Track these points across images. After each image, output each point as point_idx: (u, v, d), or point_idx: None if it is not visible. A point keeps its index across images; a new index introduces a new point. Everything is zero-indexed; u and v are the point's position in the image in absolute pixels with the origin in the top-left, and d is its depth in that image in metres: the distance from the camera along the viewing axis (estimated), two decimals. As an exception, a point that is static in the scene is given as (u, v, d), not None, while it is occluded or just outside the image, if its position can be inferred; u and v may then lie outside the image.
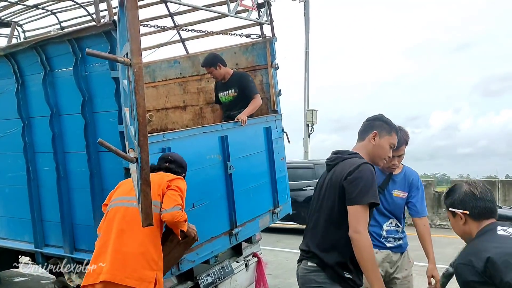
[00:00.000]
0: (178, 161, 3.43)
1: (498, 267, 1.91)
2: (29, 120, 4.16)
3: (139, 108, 1.47)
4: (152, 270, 2.82)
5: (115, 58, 1.54)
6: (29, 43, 3.90)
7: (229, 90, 5.06)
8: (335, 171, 2.66)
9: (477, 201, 2.21)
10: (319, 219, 2.69)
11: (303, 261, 2.73)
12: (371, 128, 2.82)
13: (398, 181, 3.50)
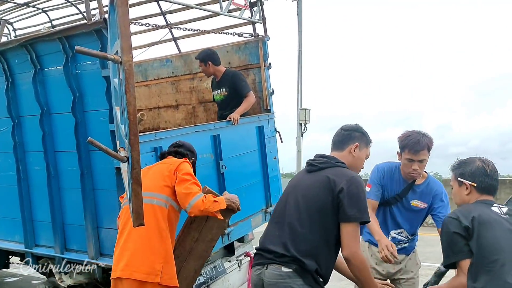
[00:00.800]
0: (187, 145, 3.46)
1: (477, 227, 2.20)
2: (19, 119, 4.12)
3: (129, 107, 1.45)
4: (159, 263, 2.88)
5: (104, 56, 1.52)
6: (19, 41, 3.86)
7: (221, 89, 5.04)
8: (326, 176, 2.55)
9: (486, 177, 2.40)
10: (302, 222, 2.51)
11: (271, 265, 2.50)
12: (351, 139, 2.75)
13: (419, 191, 3.37)
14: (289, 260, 2.45)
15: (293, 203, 2.61)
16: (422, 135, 3.23)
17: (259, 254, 2.64)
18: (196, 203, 2.94)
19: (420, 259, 3.84)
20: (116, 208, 3.55)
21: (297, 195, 2.62)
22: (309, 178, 2.65)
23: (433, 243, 9.13)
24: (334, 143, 2.78)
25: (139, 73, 6.21)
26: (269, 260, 2.52)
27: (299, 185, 2.70)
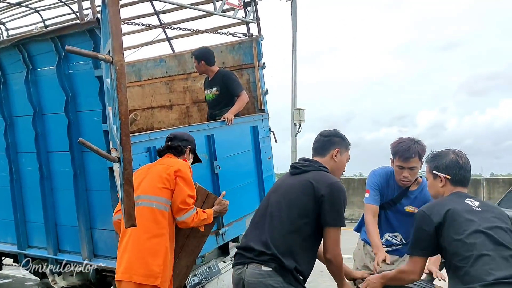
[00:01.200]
0: (179, 136, 3.43)
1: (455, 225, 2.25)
2: (11, 119, 4.10)
3: (121, 107, 1.43)
4: (158, 266, 2.91)
5: (95, 56, 1.51)
6: (11, 41, 3.84)
7: (212, 88, 5.00)
8: (308, 180, 2.60)
9: (460, 170, 2.47)
10: (283, 221, 2.55)
11: (251, 264, 2.52)
12: (332, 144, 2.79)
13: (413, 197, 3.37)
14: (269, 259, 2.48)
15: (274, 204, 2.65)
16: (414, 142, 3.21)
17: (239, 253, 2.66)
18: (186, 220, 3.06)
19: None
20: (109, 209, 3.54)
21: (279, 196, 2.67)
22: (292, 180, 2.70)
23: (428, 242, 9.18)
24: (315, 149, 2.83)
25: (132, 73, 6.18)
26: (249, 259, 2.55)
27: (281, 186, 2.74)
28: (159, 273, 2.90)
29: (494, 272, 2.10)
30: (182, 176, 3.07)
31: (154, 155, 3.62)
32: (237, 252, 2.69)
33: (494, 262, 2.12)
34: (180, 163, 3.18)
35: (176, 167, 3.10)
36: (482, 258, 2.14)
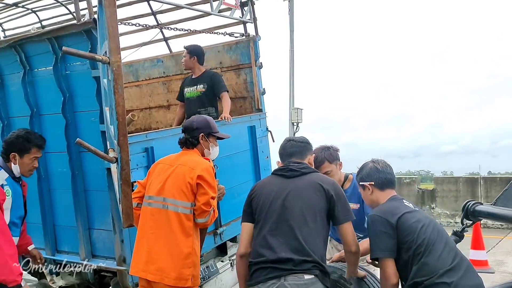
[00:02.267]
0: (188, 126, 3.35)
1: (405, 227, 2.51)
2: (8, 120, 4.10)
3: (118, 107, 1.44)
4: (188, 268, 2.98)
5: (92, 57, 1.52)
6: (8, 41, 3.84)
7: (197, 85, 4.99)
8: (315, 182, 2.71)
9: (379, 173, 2.77)
10: (310, 226, 2.58)
11: (291, 275, 2.47)
12: (308, 150, 2.99)
13: (349, 195, 3.49)
14: (312, 267, 2.50)
15: (291, 209, 2.64)
16: (322, 149, 3.53)
17: (268, 267, 2.55)
18: (207, 221, 3.10)
19: None
20: (108, 209, 3.54)
21: (292, 200, 2.66)
22: (297, 183, 2.73)
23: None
24: (292, 153, 2.92)
25: (130, 73, 6.18)
26: (287, 271, 2.49)
27: (286, 190, 2.72)
28: (189, 275, 2.98)
29: (446, 259, 2.44)
30: (205, 180, 3.06)
31: (151, 155, 3.63)
32: (261, 267, 2.59)
33: (444, 250, 2.47)
34: (202, 166, 3.12)
35: (199, 171, 3.06)
36: (435, 248, 2.46)
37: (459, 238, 3.46)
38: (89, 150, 1.49)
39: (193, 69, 5.02)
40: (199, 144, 3.30)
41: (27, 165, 3.34)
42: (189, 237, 3.03)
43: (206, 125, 3.35)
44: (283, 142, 3.05)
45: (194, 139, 3.28)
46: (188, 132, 3.30)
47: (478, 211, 3.38)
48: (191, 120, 3.42)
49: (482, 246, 6.85)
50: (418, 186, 12.55)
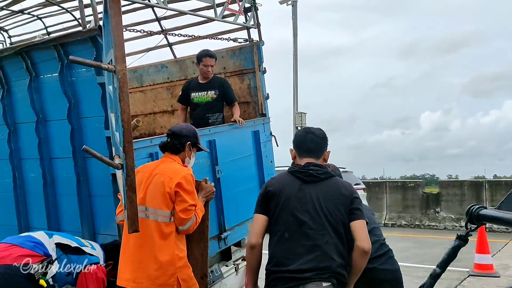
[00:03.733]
0: (177, 132, 3.38)
1: None
2: (15, 126, 4.13)
3: (124, 115, 1.47)
4: (170, 275, 3.02)
5: (99, 65, 1.54)
6: (14, 49, 3.88)
7: (208, 91, 4.99)
8: (332, 184, 2.69)
9: None
10: (324, 235, 2.57)
11: (310, 284, 2.50)
12: (326, 146, 2.85)
13: None
14: (329, 276, 2.51)
15: (310, 217, 2.62)
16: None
17: (287, 277, 2.56)
18: (188, 228, 3.13)
19: (417, 260, 3.91)
20: (112, 214, 3.56)
21: (312, 209, 2.64)
22: (318, 190, 2.67)
23: (430, 245, 9.19)
24: (311, 150, 2.79)
25: (134, 78, 6.22)
26: (306, 279, 2.51)
27: (306, 198, 2.68)
28: (173, 281, 3.02)
29: None
30: (183, 188, 3.09)
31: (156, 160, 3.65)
32: (281, 276, 2.58)
33: None
34: (181, 174, 3.13)
35: (178, 179, 3.08)
36: None
37: (463, 243, 3.45)
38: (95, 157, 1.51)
39: (209, 74, 5.02)
40: (183, 152, 3.35)
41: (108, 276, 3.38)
42: (169, 244, 3.07)
43: (194, 135, 3.45)
44: (301, 132, 2.94)
45: (181, 145, 3.33)
46: (176, 137, 3.34)
47: (482, 215, 3.37)
48: (180, 127, 3.50)
49: (487, 250, 6.83)
50: (422, 190, 12.54)
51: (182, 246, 3.18)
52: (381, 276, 2.97)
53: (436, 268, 3.55)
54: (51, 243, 3.18)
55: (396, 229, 12.22)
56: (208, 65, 4.93)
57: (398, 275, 3.08)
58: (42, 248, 3.12)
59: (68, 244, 3.22)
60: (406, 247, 9.51)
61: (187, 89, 5.15)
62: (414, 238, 10.63)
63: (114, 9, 1.38)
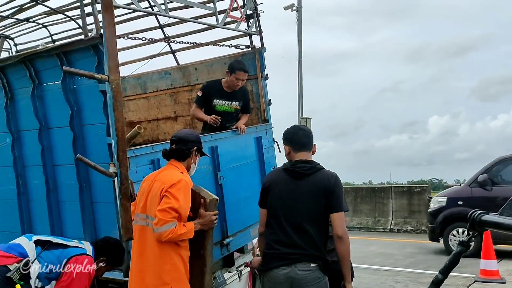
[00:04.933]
0: (183, 138, 3.35)
1: None
2: (18, 133, 4.17)
3: (117, 124, 1.48)
4: (166, 284, 3.01)
5: (92, 76, 1.56)
6: (17, 57, 3.93)
7: (232, 101, 4.91)
8: (315, 180, 3.05)
9: None
10: (306, 222, 3.01)
11: (300, 263, 2.96)
12: (312, 139, 3.27)
13: None
14: (316, 258, 2.98)
15: (298, 210, 3.05)
16: None
17: (280, 257, 3.03)
18: (161, 232, 2.98)
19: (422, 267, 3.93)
20: (114, 221, 3.58)
21: (300, 202, 3.05)
22: (303, 185, 3.05)
23: (436, 251, 9.12)
24: (303, 144, 3.19)
25: (138, 85, 6.27)
26: (296, 260, 2.97)
27: (294, 193, 3.09)
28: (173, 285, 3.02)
29: None
30: (170, 191, 3.03)
31: (158, 167, 3.66)
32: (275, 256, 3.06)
33: None
34: (174, 179, 3.10)
35: (169, 184, 3.06)
36: None
37: (465, 249, 3.43)
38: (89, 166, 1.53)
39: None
40: (190, 158, 3.33)
41: (100, 273, 3.39)
42: (168, 253, 3.04)
43: (199, 140, 3.45)
44: (292, 129, 3.28)
45: (188, 151, 3.31)
46: (182, 143, 3.31)
47: (484, 221, 3.35)
48: (185, 132, 3.53)
49: (493, 256, 6.77)
50: (428, 195, 12.46)
51: (183, 256, 3.14)
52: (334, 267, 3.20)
53: (439, 275, 3.51)
54: (30, 243, 3.16)
55: (402, 235, 12.15)
56: (240, 79, 4.79)
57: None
58: (18, 249, 3.10)
59: (49, 240, 3.21)
60: (412, 252, 9.47)
61: (208, 93, 4.89)
62: (420, 243, 10.56)
63: (108, 20, 1.40)
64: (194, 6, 4.64)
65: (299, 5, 15.44)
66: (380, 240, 11.28)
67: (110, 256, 3.34)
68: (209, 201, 3.24)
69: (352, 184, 22.22)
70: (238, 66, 4.79)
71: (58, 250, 3.17)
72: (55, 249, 3.17)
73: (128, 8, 4.18)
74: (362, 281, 6.67)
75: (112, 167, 1.62)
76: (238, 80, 4.78)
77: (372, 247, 10.16)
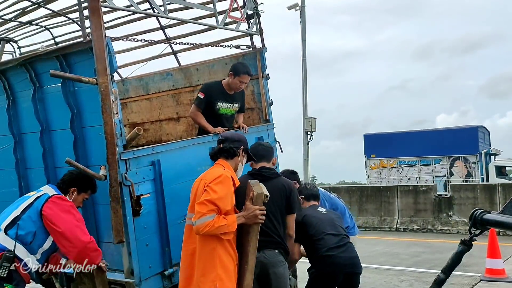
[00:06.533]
0: (230, 137, 3.53)
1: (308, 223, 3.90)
2: (20, 136, 4.20)
3: (106, 127, 1.49)
4: (211, 281, 3.05)
5: (79, 79, 1.57)
6: (18, 60, 3.96)
7: (234, 103, 4.86)
8: (278, 184, 3.61)
9: (307, 190, 4.26)
10: (272, 220, 3.50)
11: (267, 250, 3.47)
12: (273, 153, 4.01)
13: None
14: (279, 245, 3.54)
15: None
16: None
17: None
18: (198, 225, 3.02)
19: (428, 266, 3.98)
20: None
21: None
22: (268, 186, 3.41)
23: (442, 250, 9.06)
24: (263, 156, 3.76)
25: (140, 87, 6.30)
26: (263, 246, 3.41)
27: None
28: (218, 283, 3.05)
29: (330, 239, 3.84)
30: (210, 186, 3.10)
31: (158, 169, 3.68)
32: None
33: (330, 239, 3.84)
34: (215, 175, 3.19)
35: (210, 179, 3.15)
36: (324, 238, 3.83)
37: (467, 248, 3.42)
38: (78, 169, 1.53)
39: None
40: (237, 156, 3.44)
41: (78, 203, 3.48)
42: (214, 250, 3.08)
43: (245, 141, 3.62)
44: (255, 145, 3.91)
45: (236, 149, 3.43)
46: (230, 141, 3.46)
47: (486, 220, 3.34)
48: (231, 133, 3.79)
49: (498, 255, 6.71)
50: (434, 194, 12.39)
51: (231, 253, 3.15)
52: (340, 261, 3.81)
53: (441, 274, 3.52)
54: (1, 234, 3.20)
55: (408, 234, 12.08)
56: (244, 82, 4.74)
57: (355, 260, 3.90)
58: None
59: (14, 217, 3.25)
60: (417, 252, 9.41)
61: (210, 95, 4.73)
62: (426, 242, 10.50)
63: (95, 23, 1.40)
64: (194, 7, 4.64)
65: (302, 5, 15.42)
66: (385, 240, 11.22)
67: (79, 185, 3.42)
68: (257, 195, 3.21)
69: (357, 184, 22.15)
70: (243, 69, 4.70)
71: (26, 214, 3.24)
72: (24, 215, 3.23)
73: (128, 10, 4.19)
74: (367, 281, 6.63)
75: (103, 170, 1.63)
76: (242, 83, 4.73)
77: (378, 246, 10.11)
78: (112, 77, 3.19)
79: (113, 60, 3.24)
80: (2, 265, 3.04)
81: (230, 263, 3.14)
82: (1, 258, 3.06)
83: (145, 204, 3.53)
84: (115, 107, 2.69)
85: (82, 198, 3.51)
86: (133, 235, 3.43)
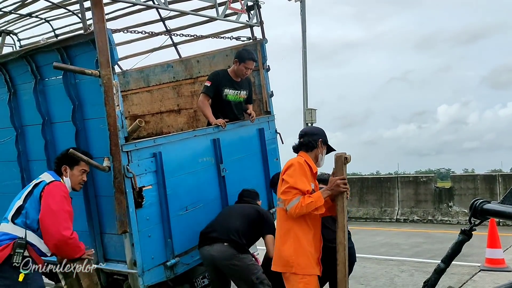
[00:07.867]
0: (309, 131, 3.74)
1: None
2: (22, 128, 4.21)
3: (109, 118, 1.50)
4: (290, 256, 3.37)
5: (82, 71, 1.57)
6: (19, 52, 3.95)
7: (241, 91, 4.91)
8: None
9: None
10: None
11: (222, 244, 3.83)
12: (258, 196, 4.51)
13: None
14: (231, 241, 3.84)
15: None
16: None
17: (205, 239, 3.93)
18: (289, 210, 3.32)
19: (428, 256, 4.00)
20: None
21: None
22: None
23: (442, 240, 9.10)
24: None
25: (141, 79, 6.29)
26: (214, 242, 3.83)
27: None
28: (292, 262, 3.35)
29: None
30: (286, 172, 3.39)
31: (159, 160, 3.70)
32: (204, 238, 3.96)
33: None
34: (287, 164, 3.48)
35: (285, 169, 3.45)
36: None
37: (467, 237, 3.43)
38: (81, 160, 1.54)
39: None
40: (316, 148, 3.59)
41: (76, 177, 3.48)
42: (290, 229, 3.39)
43: (323, 133, 3.69)
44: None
45: (314, 142, 3.57)
46: (309, 136, 3.61)
47: (486, 210, 3.34)
48: (310, 128, 4.02)
49: (498, 245, 6.74)
50: (435, 185, 12.40)
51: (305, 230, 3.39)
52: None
53: (441, 263, 3.53)
54: (10, 225, 3.24)
55: (409, 224, 12.10)
56: (249, 68, 4.82)
57: (351, 251, 3.84)
58: (6, 237, 3.17)
59: (18, 206, 3.30)
60: (418, 242, 9.44)
61: (217, 82, 4.77)
62: (426, 233, 10.53)
63: (98, 15, 1.41)
64: (194, -1, 4.63)
65: (303, -4, 15.33)
66: (386, 230, 11.25)
67: (66, 161, 3.46)
68: (336, 157, 3.42)
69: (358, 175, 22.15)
70: (248, 56, 4.81)
71: (28, 203, 3.29)
72: (26, 204, 3.28)
73: (128, 2, 4.18)
74: (367, 271, 6.67)
75: (106, 161, 1.64)
76: (247, 69, 4.83)
77: (378, 237, 10.15)
78: (113, 69, 3.19)
79: (114, 52, 3.25)
80: (16, 251, 3.08)
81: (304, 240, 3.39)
82: (14, 246, 3.09)
83: (147, 196, 3.56)
84: (117, 99, 2.71)
85: (79, 171, 3.47)
86: (136, 227, 3.46)
